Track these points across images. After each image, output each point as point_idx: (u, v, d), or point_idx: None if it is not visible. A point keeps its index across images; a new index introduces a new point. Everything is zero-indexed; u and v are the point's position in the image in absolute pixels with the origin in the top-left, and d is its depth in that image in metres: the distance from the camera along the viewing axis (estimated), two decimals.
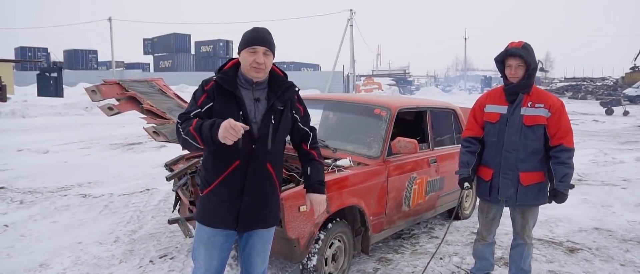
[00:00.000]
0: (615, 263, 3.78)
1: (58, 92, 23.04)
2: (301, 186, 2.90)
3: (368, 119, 3.82)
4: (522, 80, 2.84)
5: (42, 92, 23.09)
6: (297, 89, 2.24)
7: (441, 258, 3.79)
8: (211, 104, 2.06)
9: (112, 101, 3.91)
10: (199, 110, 2.04)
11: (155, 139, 3.64)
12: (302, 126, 2.29)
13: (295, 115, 2.24)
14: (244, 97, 2.09)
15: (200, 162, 3.49)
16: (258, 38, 2.07)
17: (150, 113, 3.90)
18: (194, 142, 1.95)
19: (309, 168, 2.30)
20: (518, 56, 2.80)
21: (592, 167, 7.86)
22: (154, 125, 3.71)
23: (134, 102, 3.97)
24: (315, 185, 2.28)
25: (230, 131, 1.83)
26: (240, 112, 2.05)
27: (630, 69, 37.28)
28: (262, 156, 2.08)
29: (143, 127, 3.69)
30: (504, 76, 2.93)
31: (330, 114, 4.43)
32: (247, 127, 1.91)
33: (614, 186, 6.48)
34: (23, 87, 27.27)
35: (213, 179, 2.09)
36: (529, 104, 2.85)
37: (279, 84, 2.17)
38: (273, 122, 2.11)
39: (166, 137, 3.65)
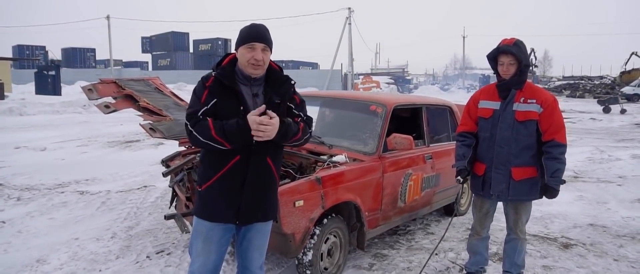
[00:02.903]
0: (609, 258, 3.81)
1: (56, 91, 23.04)
2: (297, 182, 2.93)
3: (364, 115, 3.84)
4: (514, 76, 2.86)
5: (40, 90, 23.09)
6: (293, 82, 2.25)
7: (437, 254, 3.81)
8: (215, 100, 2.05)
9: (109, 99, 3.93)
10: (205, 107, 2.04)
11: (152, 136, 3.66)
12: (297, 112, 2.25)
13: (290, 104, 2.23)
14: (243, 92, 2.11)
15: (197, 158, 3.53)
16: (256, 35, 2.08)
17: (147, 111, 3.92)
18: (218, 145, 1.99)
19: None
20: (510, 53, 2.82)
21: (589, 164, 7.90)
22: (151, 122, 3.73)
23: (131, 100, 3.99)
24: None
25: (261, 128, 1.95)
26: (241, 107, 2.06)
27: (620, 73, 37.33)
28: (263, 150, 2.10)
29: (140, 124, 3.71)
30: (496, 72, 2.95)
31: (326, 110, 4.45)
32: (274, 115, 1.99)
33: (609, 183, 6.51)
34: (20, 86, 27.24)
35: (213, 174, 2.11)
36: (521, 99, 2.87)
37: (275, 78, 2.19)
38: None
39: (163, 133, 3.67)
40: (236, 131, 1.97)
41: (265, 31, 2.12)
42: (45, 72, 23.73)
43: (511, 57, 2.81)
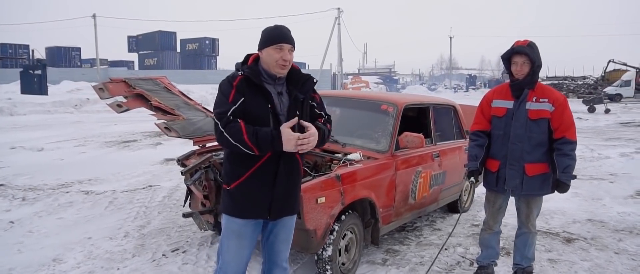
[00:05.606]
0: (610, 251, 3.97)
1: (42, 90, 22.59)
2: (318, 179, 3.00)
3: (375, 114, 3.93)
4: (527, 76, 2.98)
5: (25, 89, 22.62)
6: (315, 80, 2.33)
7: (446, 249, 3.93)
8: (243, 99, 2.10)
9: (120, 99, 3.94)
10: (234, 107, 2.08)
11: (167, 135, 3.69)
12: (319, 111, 2.34)
13: (312, 103, 2.32)
14: (270, 91, 2.17)
15: (214, 157, 3.58)
16: (283, 36, 2.15)
17: (159, 110, 3.95)
18: (246, 150, 2.04)
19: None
20: (523, 54, 2.94)
21: (580, 162, 8.10)
22: (165, 121, 3.76)
23: (142, 99, 4.00)
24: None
25: (293, 142, 2.03)
26: (269, 105, 2.13)
27: (600, 77, 38.19)
28: None
29: (155, 123, 3.74)
30: (510, 72, 3.07)
31: (336, 110, 4.51)
32: (309, 125, 2.09)
33: (602, 180, 6.72)
34: (4, 85, 26.64)
35: (243, 172, 2.15)
36: (534, 99, 2.99)
37: (297, 77, 2.26)
38: (298, 113, 2.19)
39: (178, 132, 3.71)
40: (269, 141, 2.03)
41: (290, 32, 2.20)
42: (31, 71, 23.27)
43: (525, 57, 2.93)
